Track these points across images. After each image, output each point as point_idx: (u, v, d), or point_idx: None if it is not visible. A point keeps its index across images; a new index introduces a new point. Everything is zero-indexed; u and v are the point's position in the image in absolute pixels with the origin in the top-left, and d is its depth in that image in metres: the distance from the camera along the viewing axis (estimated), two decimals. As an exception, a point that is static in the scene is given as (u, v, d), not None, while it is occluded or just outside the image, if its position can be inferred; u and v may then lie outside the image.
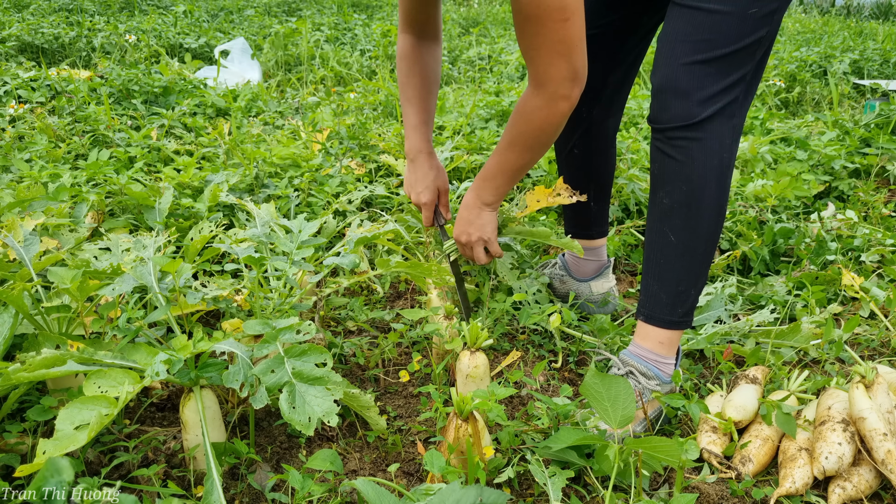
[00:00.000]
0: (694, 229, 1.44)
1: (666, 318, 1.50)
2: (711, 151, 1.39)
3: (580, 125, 1.85)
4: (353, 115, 3.42)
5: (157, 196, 2.15)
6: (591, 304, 2.03)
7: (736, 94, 1.39)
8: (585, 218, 1.97)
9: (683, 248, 1.45)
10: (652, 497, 1.30)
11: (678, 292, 1.48)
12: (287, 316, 1.45)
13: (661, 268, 1.48)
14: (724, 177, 1.42)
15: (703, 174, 1.40)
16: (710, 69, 1.36)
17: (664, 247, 1.47)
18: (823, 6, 13.49)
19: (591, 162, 1.90)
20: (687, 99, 1.37)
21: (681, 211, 1.43)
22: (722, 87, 1.37)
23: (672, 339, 1.52)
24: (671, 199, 1.44)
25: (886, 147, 3.20)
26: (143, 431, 1.41)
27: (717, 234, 1.47)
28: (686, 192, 1.42)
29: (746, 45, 1.36)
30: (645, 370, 1.49)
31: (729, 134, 1.40)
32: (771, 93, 5.27)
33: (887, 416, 1.30)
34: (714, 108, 1.37)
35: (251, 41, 6.23)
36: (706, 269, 1.50)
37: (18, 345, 1.41)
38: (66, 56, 5.64)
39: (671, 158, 1.42)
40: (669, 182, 1.43)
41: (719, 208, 1.44)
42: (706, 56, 1.35)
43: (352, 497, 1.27)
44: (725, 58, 1.35)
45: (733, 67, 1.37)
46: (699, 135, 1.38)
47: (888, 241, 2.35)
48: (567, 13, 1.42)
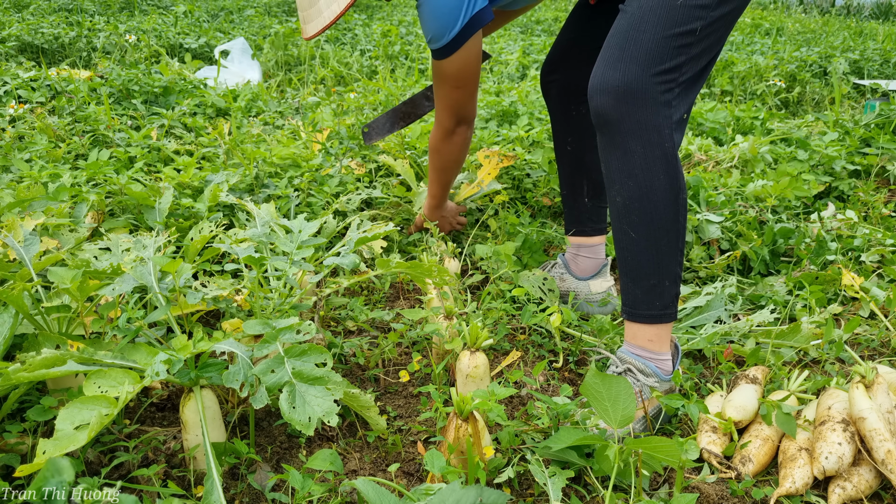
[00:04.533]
0: (651, 222, 1.44)
1: (646, 313, 1.50)
2: (651, 143, 1.40)
3: (572, 123, 1.99)
4: (353, 115, 3.42)
5: (157, 196, 2.15)
6: (590, 304, 2.04)
7: (670, 85, 1.39)
8: (580, 214, 2.05)
9: (646, 243, 1.46)
10: (652, 497, 1.30)
11: (651, 286, 1.49)
12: (287, 316, 1.45)
13: (630, 265, 1.50)
14: (671, 166, 1.42)
15: (647, 166, 1.41)
16: (635, 64, 1.37)
17: (628, 244, 1.48)
18: (823, 6, 13.49)
19: (584, 159, 2.00)
20: (618, 97, 1.39)
21: (634, 206, 1.44)
22: (654, 81, 1.38)
23: (660, 335, 1.52)
24: (623, 197, 1.45)
25: (886, 147, 3.20)
26: (143, 431, 1.41)
27: (680, 224, 1.47)
28: (634, 187, 1.43)
29: (674, 35, 1.36)
30: (643, 367, 1.50)
31: (667, 124, 1.40)
32: (771, 93, 5.28)
33: (887, 416, 1.30)
34: (647, 103, 1.38)
35: (251, 41, 6.23)
36: (676, 259, 1.49)
37: (18, 345, 1.41)
38: (66, 56, 5.64)
39: (613, 156, 1.44)
40: (618, 180, 1.45)
41: (674, 198, 1.44)
42: (631, 52, 1.38)
43: (352, 497, 1.27)
44: (651, 52, 1.37)
45: (663, 59, 1.37)
46: (634, 129, 1.39)
47: (888, 241, 2.35)
48: (461, 83, 1.91)
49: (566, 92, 1.99)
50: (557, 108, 2.03)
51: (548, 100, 2.05)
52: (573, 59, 1.96)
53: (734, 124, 3.83)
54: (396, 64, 5.84)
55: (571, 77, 1.96)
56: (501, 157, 2.45)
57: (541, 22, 8.81)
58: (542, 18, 9.12)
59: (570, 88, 1.98)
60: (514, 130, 3.12)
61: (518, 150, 2.85)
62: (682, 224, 1.48)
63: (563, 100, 2.00)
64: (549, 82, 2.02)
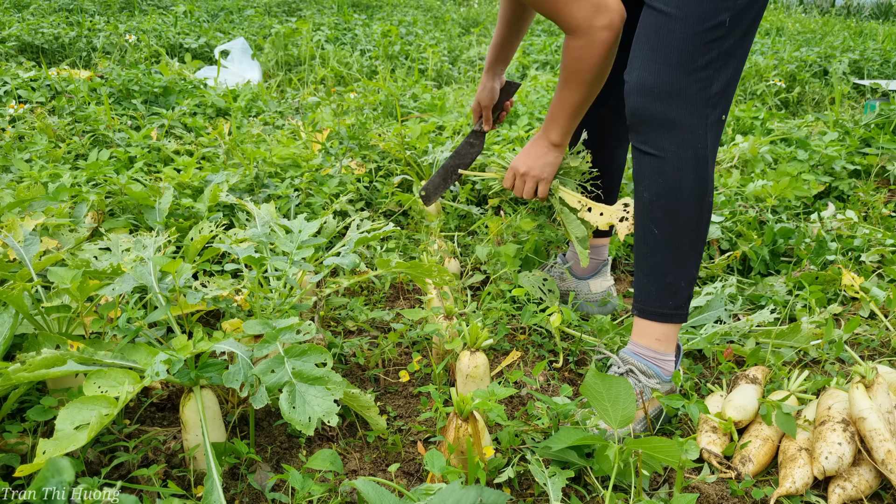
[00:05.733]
0: (675, 221, 1.46)
1: (658, 311, 1.51)
2: (684, 143, 1.41)
3: (587, 124, 1.91)
4: (353, 115, 3.42)
5: (157, 196, 2.15)
6: (590, 304, 2.04)
7: (706, 83, 1.39)
8: None
9: (667, 241, 1.47)
10: (652, 497, 1.30)
11: (666, 284, 1.50)
12: (287, 316, 1.45)
13: (648, 261, 1.51)
14: (701, 168, 1.43)
15: (679, 166, 1.42)
16: (669, 65, 1.38)
17: (649, 240, 1.50)
18: (823, 6, 13.49)
19: (596, 161, 1.95)
20: (655, 97, 1.40)
21: (660, 203, 1.46)
22: (689, 80, 1.38)
23: (668, 335, 1.52)
24: (650, 193, 1.47)
25: (886, 147, 3.20)
26: (143, 431, 1.41)
27: (702, 227, 1.49)
28: (663, 185, 1.44)
29: (705, 30, 1.36)
30: (645, 368, 1.50)
31: (701, 125, 1.41)
32: (771, 93, 5.28)
33: (887, 416, 1.30)
34: (683, 102, 1.39)
35: (251, 41, 6.23)
36: (694, 261, 1.51)
37: (18, 345, 1.41)
38: (66, 56, 5.64)
39: (646, 154, 1.45)
40: (647, 176, 1.46)
41: (700, 199, 1.45)
42: (663, 51, 1.38)
43: (352, 497, 1.27)
44: (683, 50, 1.37)
45: (696, 56, 1.37)
46: (669, 128, 1.41)
47: (888, 241, 2.35)
48: None
49: None
50: None
51: None
52: None
53: (734, 124, 3.83)
54: (396, 64, 5.84)
55: None
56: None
57: (541, 22, 8.81)
58: (543, 18, 9.12)
59: None
60: (514, 130, 3.11)
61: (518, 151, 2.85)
62: (704, 227, 1.49)
63: None
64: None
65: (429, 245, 2.16)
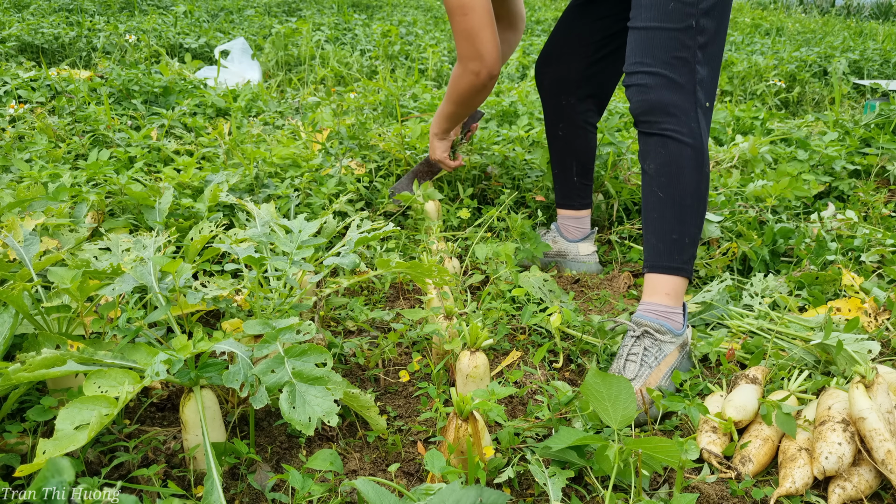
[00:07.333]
0: (678, 184, 1.69)
1: (667, 265, 1.69)
2: (681, 122, 1.67)
3: (562, 112, 2.27)
4: (353, 115, 3.42)
5: (157, 196, 2.15)
6: (580, 263, 2.34)
7: (691, 73, 1.66)
8: (570, 190, 2.37)
9: (671, 201, 1.69)
10: (652, 497, 1.30)
11: (673, 241, 1.69)
12: (287, 316, 1.45)
13: (655, 223, 1.72)
14: (696, 139, 1.68)
15: (678, 139, 1.67)
16: (660, 61, 1.65)
17: (655, 203, 1.72)
18: (823, 6, 13.49)
19: (574, 143, 2.29)
20: (653, 91, 1.66)
21: (663, 170, 1.69)
22: (678, 72, 1.65)
23: (677, 290, 1.69)
24: (655, 164, 1.70)
25: (886, 147, 3.20)
26: (143, 431, 1.41)
27: (702, 192, 1.71)
28: (665, 155, 1.69)
29: (680, 30, 1.63)
30: (658, 326, 1.63)
31: (693, 108, 1.68)
32: (771, 93, 5.28)
33: (887, 416, 1.30)
34: (677, 90, 1.66)
35: (251, 41, 6.23)
36: (696, 222, 1.71)
37: (18, 345, 1.41)
38: (66, 56, 5.64)
39: (651, 135, 1.70)
40: (652, 151, 1.71)
41: (699, 168, 1.69)
42: (653, 53, 1.66)
43: (352, 497, 1.27)
44: (670, 50, 1.64)
45: (679, 53, 1.64)
46: (669, 112, 1.67)
47: (888, 241, 2.35)
48: (466, 10, 1.96)
49: (558, 84, 2.25)
50: (550, 98, 2.29)
51: (541, 90, 2.31)
52: (565, 55, 2.23)
53: (734, 124, 3.83)
54: (396, 64, 5.84)
55: (563, 71, 2.23)
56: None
57: (541, 22, 8.81)
58: (543, 18, 9.13)
59: (561, 81, 2.24)
60: (514, 130, 3.12)
61: (518, 151, 2.85)
62: (703, 192, 1.71)
63: (555, 91, 2.26)
64: (543, 74, 2.29)
65: (429, 245, 2.17)
